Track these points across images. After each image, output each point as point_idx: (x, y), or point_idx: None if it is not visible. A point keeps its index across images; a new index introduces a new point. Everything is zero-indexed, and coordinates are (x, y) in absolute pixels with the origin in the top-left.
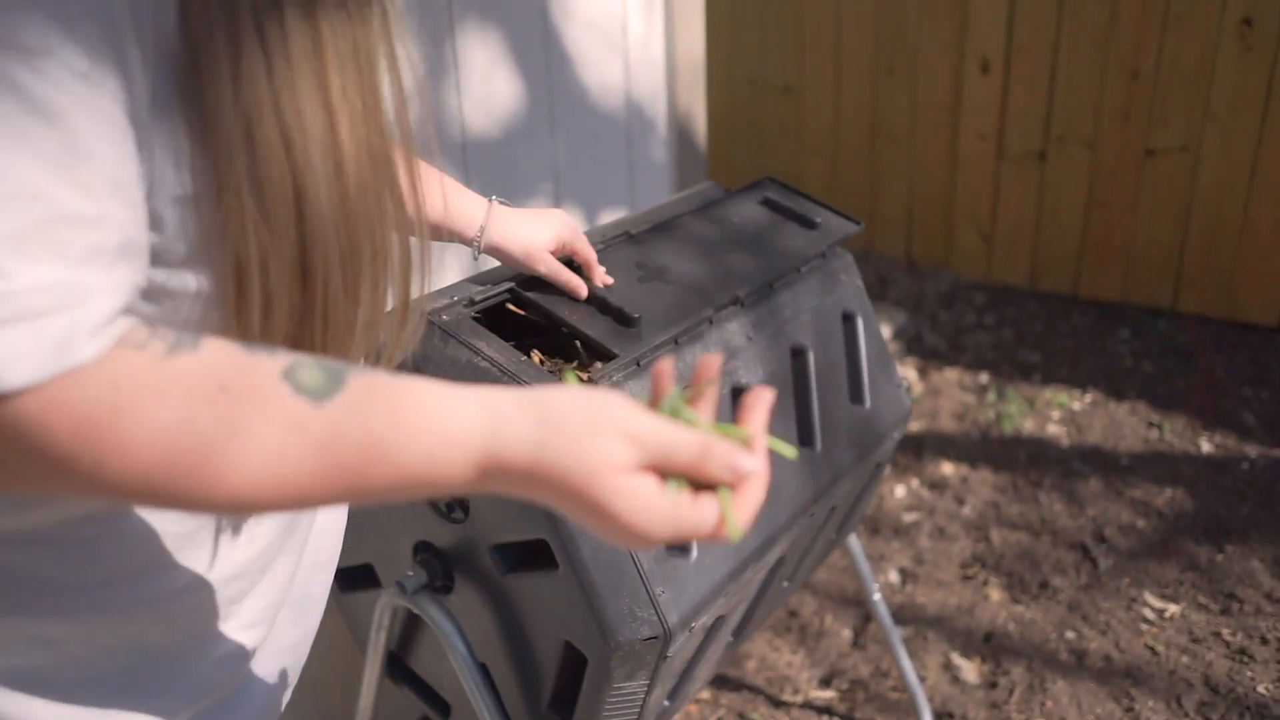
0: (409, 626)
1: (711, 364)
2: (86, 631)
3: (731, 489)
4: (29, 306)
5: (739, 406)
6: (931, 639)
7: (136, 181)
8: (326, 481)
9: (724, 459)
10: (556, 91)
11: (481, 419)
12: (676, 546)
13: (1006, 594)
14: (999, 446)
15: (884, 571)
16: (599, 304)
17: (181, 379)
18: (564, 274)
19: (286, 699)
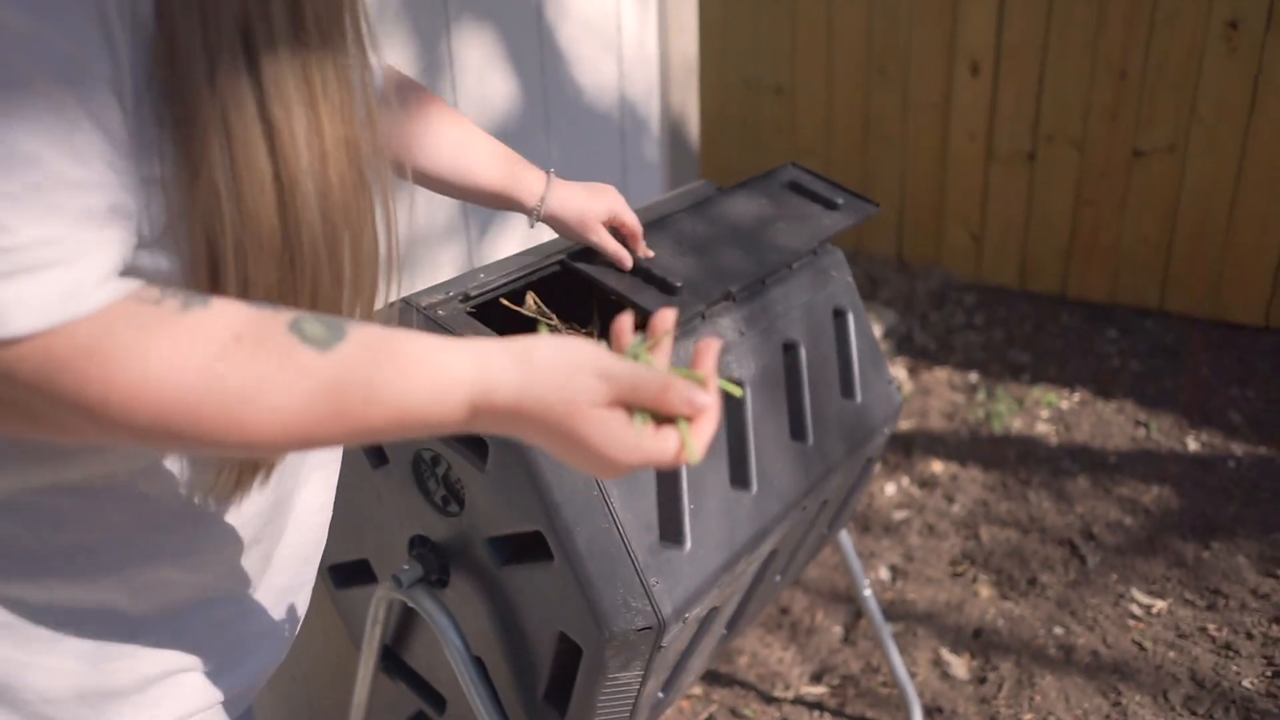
0: (404, 621)
1: (667, 317)
2: (49, 594)
3: (689, 421)
4: (33, 259)
5: (693, 354)
6: (921, 635)
7: (124, 153)
8: (332, 422)
9: (682, 395)
10: (551, 90)
11: (472, 365)
12: (671, 537)
13: (995, 590)
14: (988, 445)
15: (874, 568)
16: (643, 274)
17: (197, 329)
18: (612, 244)
19: (256, 682)
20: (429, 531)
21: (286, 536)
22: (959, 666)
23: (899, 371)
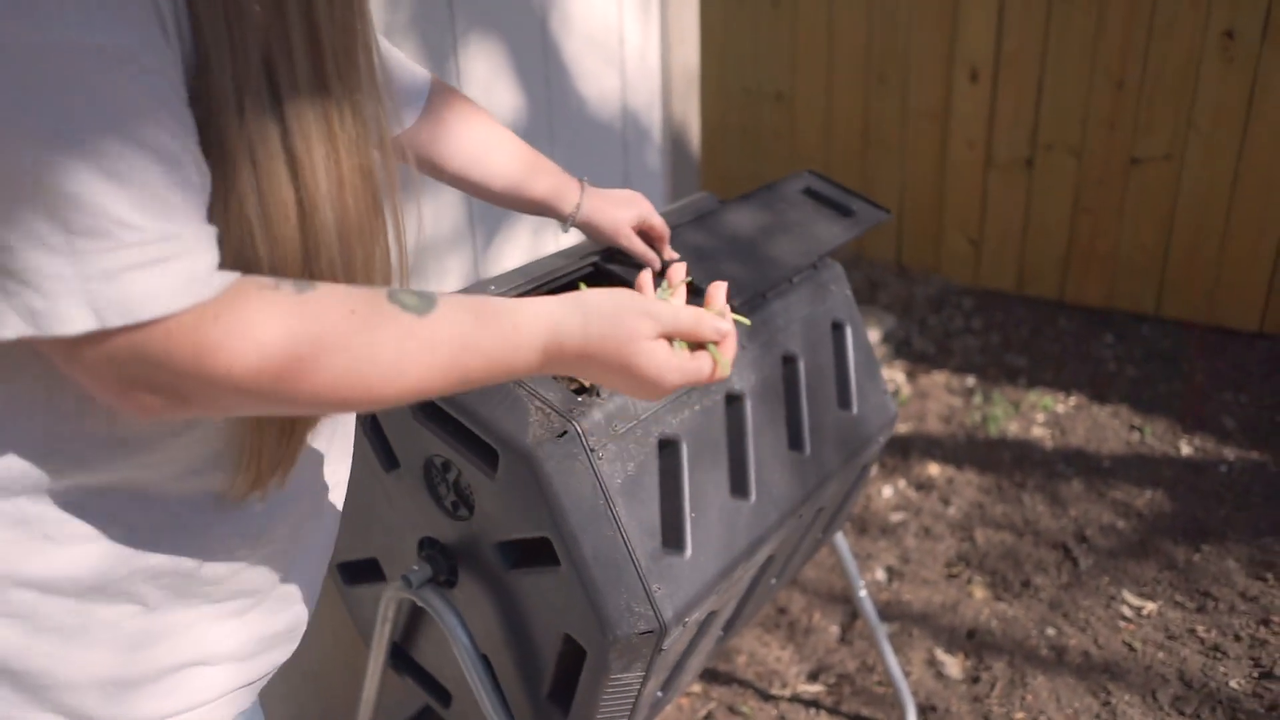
0: (413, 619)
1: (680, 270)
2: (78, 589)
3: (716, 345)
4: (160, 253)
5: (706, 295)
6: (916, 635)
7: (199, 159)
8: (437, 375)
9: (711, 324)
10: (555, 102)
11: (542, 319)
12: (673, 544)
13: (989, 592)
14: (984, 448)
15: (871, 569)
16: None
17: (320, 306)
18: (640, 247)
19: (265, 676)
20: (438, 534)
21: (308, 537)
22: (953, 666)
23: (897, 375)
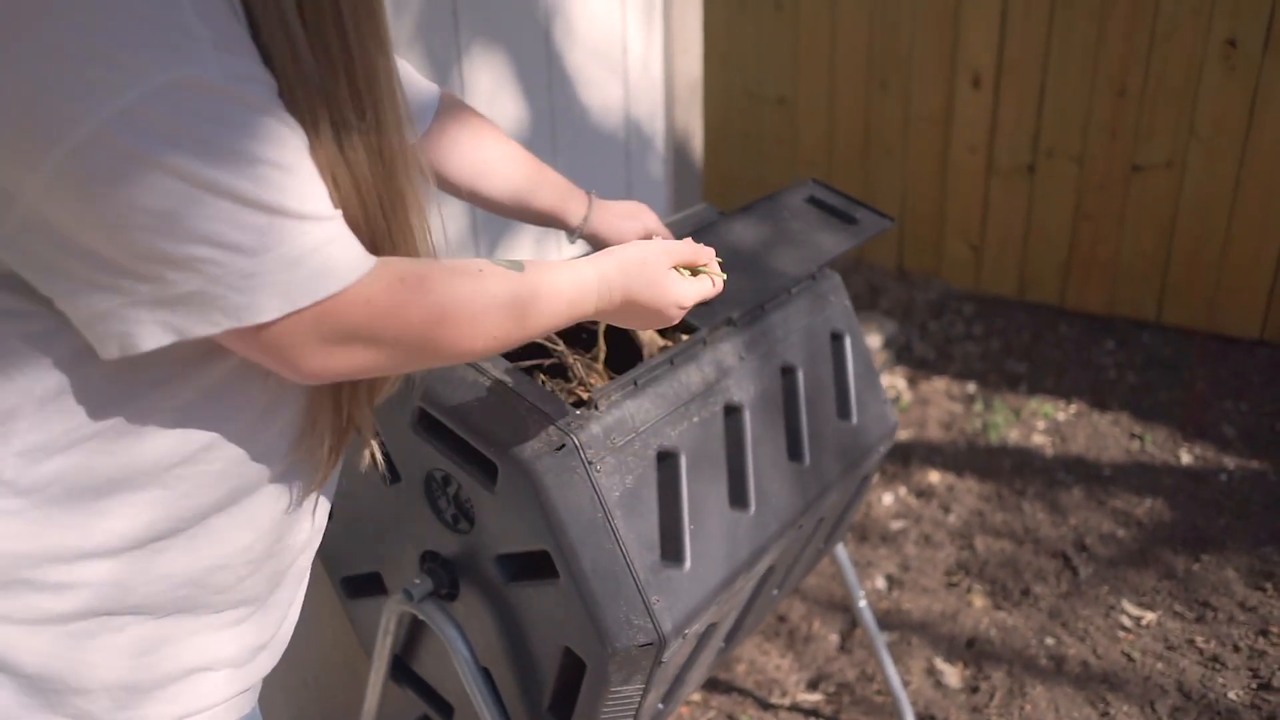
0: (414, 631)
1: (661, 229)
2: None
3: (707, 270)
4: (338, 233)
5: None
6: (916, 644)
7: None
8: (529, 318)
9: (708, 253)
10: (559, 112)
11: (593, 275)
12: (672, 556)
13: (989, 601)
14: (985, 456)
15: (871, 578)
16: None
17: (455, 268)
18: None
19: (258, 681)
20: (439, 547)
21: (302, 543)
22: (952, 675)
23: (898, 381)
